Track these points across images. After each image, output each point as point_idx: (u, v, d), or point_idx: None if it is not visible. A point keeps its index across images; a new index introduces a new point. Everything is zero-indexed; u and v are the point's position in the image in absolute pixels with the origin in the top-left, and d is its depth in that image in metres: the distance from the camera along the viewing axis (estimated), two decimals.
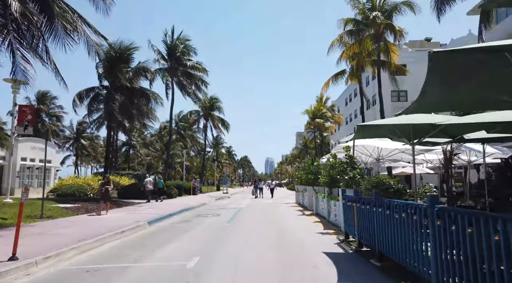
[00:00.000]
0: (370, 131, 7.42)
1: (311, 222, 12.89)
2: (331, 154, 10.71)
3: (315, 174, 15.82)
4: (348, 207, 8.01)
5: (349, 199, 7.92)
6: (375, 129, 7.17)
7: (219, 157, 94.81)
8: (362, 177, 10.11)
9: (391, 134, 7.23)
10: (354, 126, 38.82)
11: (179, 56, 31.01)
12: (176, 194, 29.03)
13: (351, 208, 7.76)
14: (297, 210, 18.68)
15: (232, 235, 9.77)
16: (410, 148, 11.84)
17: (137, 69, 21.32)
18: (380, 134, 7.52)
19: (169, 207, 18.95)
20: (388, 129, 6.85)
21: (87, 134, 66.56)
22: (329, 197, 12.65)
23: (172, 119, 31.64)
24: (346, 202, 8.19)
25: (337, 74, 26.55)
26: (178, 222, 13.45)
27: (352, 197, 7.61)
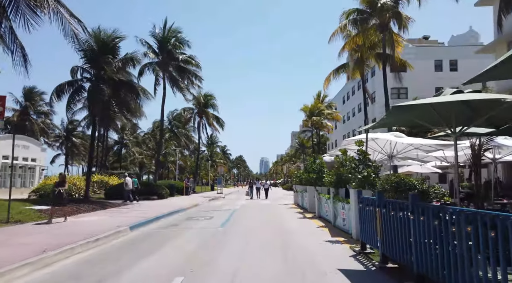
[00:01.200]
0: (403, 116, 5.95)
1: (315, 227, 11.45)
2: (340, 149, 9.29)
3: (318, 173, 14.39)
4: (367, 212, 6.57)
5: (369, 203, 6.48)
6: (410, 112, 5.70)
7: (213, 156, 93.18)
8: (377, 176, 8.68)
9: (428, 122, 5.84)
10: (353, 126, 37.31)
11: (171, 49, 29.37)
12: (167, 194, 27.47)
13: (371, 214, 6.32)
14: (296, 212, 17.24)
15: (226, 244, 8.28)
16: (427, 143, 10.51)
17: (125, 59, 19.68)
18: (414, 120, 6.07)
19: (157, 208, 17.43)
20: (425, 113, 5.45)
21: (78, 132, 64.62)
22: (336, 199, 11.22)
23: (163, 116, 30.05)
24: (364, 206, 6.75)
25: (338, 68, 25.14)
26: (166, 226, 11.95)
27: (374, 200, 6.17)
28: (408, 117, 5.94)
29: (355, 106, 53.41)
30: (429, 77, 40.24)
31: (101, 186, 29.65)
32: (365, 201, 6.71)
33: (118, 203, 20.32)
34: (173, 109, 67.34)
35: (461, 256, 3.61)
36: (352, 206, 8.88)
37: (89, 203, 18.07)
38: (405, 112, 5.71)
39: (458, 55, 40.99)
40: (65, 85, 18.51)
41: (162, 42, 29.27)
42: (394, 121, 6.62)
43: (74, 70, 19.54)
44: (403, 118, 6.01)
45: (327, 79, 25.49)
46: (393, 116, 5.82)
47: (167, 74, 29.83)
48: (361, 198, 6.99)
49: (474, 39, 47.14)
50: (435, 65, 41.63)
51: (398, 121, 6.61)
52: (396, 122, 7.17)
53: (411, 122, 6.34)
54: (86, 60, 19.27)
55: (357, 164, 8.88)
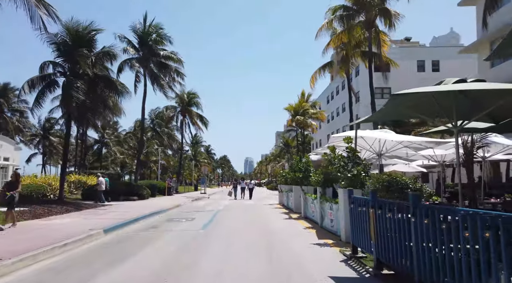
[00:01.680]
0: (400, 107, 5.44)
1: (301, 228, 10.95)
2: (328, 146, 8.81)
3: (304, 172, 13.92)
4: (359, 213, 6.08)
5: (362, 203, 5.99)
6: (409, 103, 5.20)
7: (197, 156, 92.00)
8: (368, 174, 8.24)
9: (427, 114, 5.39)
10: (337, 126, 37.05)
11: (151, 45, 28.43)
12: (148, 195, 26.55)
13: (364, 215, 5.84)
14: (282, 212, 16.73)
15: (207, 248, 7.67)
16: (418, 140, 10.18)
17: (102, 53, 18.69)
18: (412, 113, 5.59)
19: (136, 209, 16.61)
20: (425, 104, 4.99)
21: (55, 131, 62.41)
22: (323, 199, 10.75)
23: (144, 114, 29.03)
24: (356, 207, 6.26)
25: (324, 66, 24.83)
26: (143, 228, 11.22)
27: (367, 201, 5.68)
28: (405, 109, 5.47)
29: (339, 106, 53.47)
30: (412, 78, 40.44)
31: (79, 186, 28.47)
32: (358, 201, 6.22)
33: (95, 204, 19.36)
34: (155, 108, 66.19)
35: (476, 264, 3.12)
36: (341, 206, 8.41)
37: (63, 204, 17.10)
38: (404, 103, 5.24)
39: (440, 55, 41.47)
40: (36, 79, 17.41)
41: (142, 37, 28.29)
42: (391, 113, 6.14)
43: (43, 66, 18.42)
44: (401, 110, 5.55)
45: (313, 77, 25.14)
46: (392, 106, 5.33)
47: (148, 71, 28.87)
48: (353, 198, 6.50)
49: (455, 40, 47.87)
50: (417, 66, 41.99)
51: (395, 114, 6.14)
52: (392, 115, 6.72)
53: (408, 115, 5.90)
54: (59, 53, 18.21)
55: (346, 161, 8.40)
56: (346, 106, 50.22)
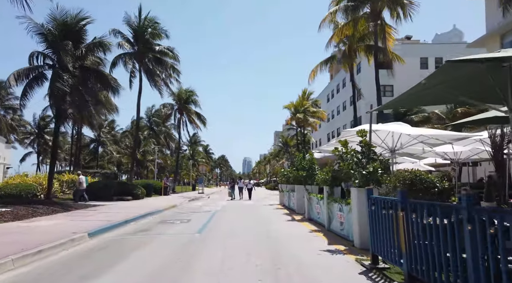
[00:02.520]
0: (444, 85, 4.43)
1: (306, 231, 9.96)
2: (339, 141, 7.83)
3: (308, 170, 12.93)
4: (383, 217, 5.10)
5: (386, 205, 5.00)
6: (454, 81, 4.19)
7: (195, 156, 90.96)
8: (386, 171, 7.27)
9: (473, 96, 4.39)
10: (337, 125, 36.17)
11: (148, 39, 27.39)
12: (143, 195, 25.52)
13: (389, 219, 4.86)
14: (283, 213, 15.74)
15: (202, 258, 6.67)
16: (440, 134, 9.19)
17: (92, 45, 17.65)
18: (461, 93, 4.55)
19: (129, 210, 15.61)
20: (474, 82, 4.01)
21: (51, 129, 61.19)
22: (331, 199, 9.77)
23: (139, 111, 27.90)
24: (378, 209, 5.28)
25: (326, 60, 23.84)
26: (133, 232, 10.21)
27: (395, 202, 4.70)
28: (447, 90, 4.46)
29: (340, 104, 52.55)
30: (415, 75, 39.55)
31: (72, 186, 27.44)
32: (380, 203, 5.23)
33: (85, 204, 18.35)
34: (152, 106, 64.98)
35: None
36: (353, 207, 7.44)
37: (51, 204, 16.06)
38: (445, 82, 4.25)
39: (444, 52, 40.57)
40: (24, 71, 16.35)
41: (137, 31, 27.24)
42: (422, 97, 5.14)
43: (32, 56, 17.37)
44: (438, 92, 4.53)
45: (313, 71, 24.15)
46: (429, 87, 4.32)
47: (143, 66, 27.84)
48: (373, 199, 5.51)
49: (458, 38, 47.01)
50: (420, 63, 41.09)
51: (429, 97, 5.12)
52: (424, 99, 5.69)
53: (450, 99, 4.91)
54: (47, 44, 17.19)
55: (360, 157, 7.42)
56: (347, 104, 49.34)
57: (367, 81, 40.91)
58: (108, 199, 21.98)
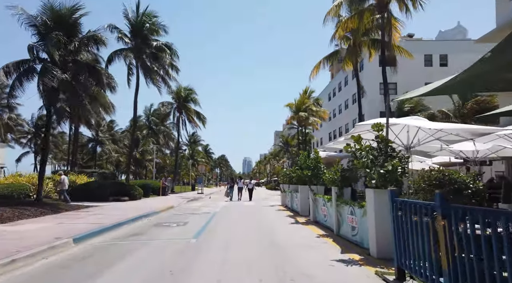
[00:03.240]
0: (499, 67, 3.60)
1: (314, 237, 9.09)
2: (352, 136, 6.97)
3: (313, 170, 12.07)
4: (414, 224, 4.24)
5: (418, 210, 4.14)
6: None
7: (195, 155, 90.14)
8: (405, 170, 6.40)
9: None
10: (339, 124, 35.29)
11: (146, 34, 26.51)
12: (140, 195, 24.68)
13: (424, 228, 4.00)
14: (286, 215, 14.88)
15: (197, 269, 5.81)
16: (463, 129, 8.33)
17: (86, 38, 16.77)
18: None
19: (123, 212, 14.77)
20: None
21: None
22: (340, 201, 8.91)
23: (136, 109, 27.03)
24: (407, 215, 4.42)
25: (329, 55, 22.93)
26: (124, 236, 9.35)
27: (431, 207, 3.83)
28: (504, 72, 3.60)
29: (342, 103, 51.72)
30: (419, 73, 38.78)
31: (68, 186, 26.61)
32: (410, 208, 4.36)
33: (78, 205, 17.50)
34: (150, 105, 64.09)
35: None
36: (369, 211, 6.57)
37: (40, 205, 15.21)
38: None
39: (448, 49, 39.75)
40: (13, 65, 15.49)
41: (135, 26, 26.37)
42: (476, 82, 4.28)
43: (32, 48, 16.55)
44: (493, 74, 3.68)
45: (316, 67, 23.22)
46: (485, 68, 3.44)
47: (141, 63, 26.97)
48: (400, 203, 4.64)
49: (461, 35, 46.14)
50: (424, 60, 40.22)
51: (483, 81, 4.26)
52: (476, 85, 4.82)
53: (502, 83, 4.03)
54: (40, 37, 16.36)
55: (376, 154, 6.56)
56: (349, 103, 48.49)
57: (369, 79, 40.08)
58: (103, 200, 21.18)
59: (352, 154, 6.93)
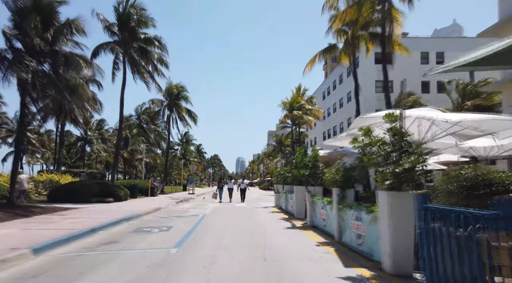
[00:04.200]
0: None
1: (313, 245, 7.97)
2: (361, 129, 5.88)
3: (311, 169, 10.96)
4: (460, 240, 3.13)
5: (470, 222, 3.03)
6: None
7: (187, 155, 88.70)
8: (424, 169, 5.31)
9: None
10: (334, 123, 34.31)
11: (133, 27, 25.22)
12: (126, 196, 23.34)
13: (475, 246, 2.90)
14: (281, 218, 13.76)
15: None
16: (484, 120, 7.27)
17: (62, 27, 15.46)
18: None
19: (103, 215, 13.54)
20: None
21: (34, 127, 58.37)
22: (343, 205, 7.80)
23: (123, 105, 25.74)
24: (445, 227, 3.32)
25: (325, 49, 21.84)
26: (96, 245, 8.13)
27: (488, 217, 2.73)
28: None
29: (337, 102, 50.82)
30: (415, 71, 37.98)
31: (50, 187, 25.23)
32: (452, 218, 3.26)
33: (56, 207, 16.19)
34: (142, 103, 62.52)
35: None
36: (383, 217, 5.47)
37: (12, 208, 13.92)
38: None
39: (445, 47, 39.03)
40: None
41: (122, 18, 25.08)
42: None
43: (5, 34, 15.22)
44: None
45: (311, 61, 22.10)
46: None
47: (128, 57, 25.66)
48: (435, 211, 3.54)
49: (457, 33, 45.59)
50: (421, 58, 39.44)
51: None
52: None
53: None
54: (14, 24, 15.05)
55: (389, 150, 5.47)
56: (344, 101, 47.59)
57: (364, 77, 39.14)
58: (86, 201, 19.89)
59: (359, 149, 5.83)
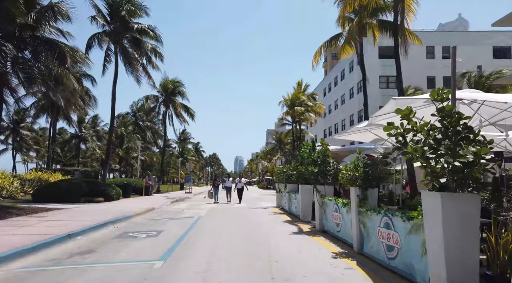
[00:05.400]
0: None
1: (328, 256, 6.58)
2: (397, 110, 4.47)
3: (321, 165, 9.57)
4: None
5: None
6: None
7: (185, 153, 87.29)
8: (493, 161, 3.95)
9: None
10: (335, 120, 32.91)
11: (124, 16, 23.72)
12: (118, 195, 21.94)
13: None
14: (284, 221, 12.37)
15: None
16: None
17: (43, 10, 14.01)
18: None
19: (89, 217, 12.16)
20: None
21: (27, 123, 56.80)
22: (365, 208, 6.42)
23: (114, 100, 24.23)
24: None
25: (332, 38, 20.41)
26: (67, 255, 6.73)
27: None
28: None
29: (338, 98, 49.48)
30: (421, 65, 36.69)
31: (38, 185, 23.84)
32: None
33: (38, 208, 14.82)
34: (138, 100, 60.92)
35: None
36: (431, 227, 4.08)
37: None
38: None
39: (451, 41, 37.65)
40: None
41: (113, 6, 23.61)
42: None
43: None
44: None
45: (317, 53, 20.67)
46: None
47: (120, 48, 24.22)
48: None
49: (463, 27, 44.26)
50: (426, 52, 38.07)
51: None
52: None
53: None
54: None
55: (439, 138, 4.08)
56: (346, 97, 46.19)
57: (368, 71, 37.78)
58: (74, 201, 18.53)
59: (398, 135, 4.44)
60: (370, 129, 8.44)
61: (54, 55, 14.11)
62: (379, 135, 9.05)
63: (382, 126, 7.72)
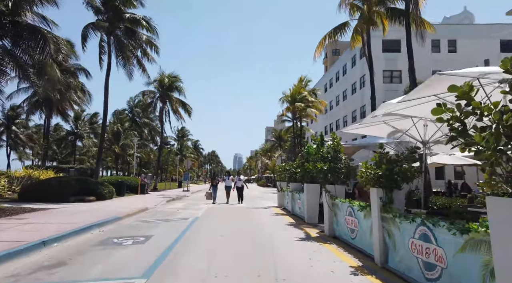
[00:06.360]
0: None
1: (347, 271, 5.42)
2: (450, 86, 3.38)
3: (331, 162, 8.41)
4: None
5: None
6: None
7: (183, 150, 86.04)
8: None
9: None
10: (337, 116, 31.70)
11: (117, 5, 22.52)
12: (111, 194, 20.81)
13: None
14: (288, 223, 11.22)
15: None
16: None
17: None
18: None
19: (73, 219, 11.05)
20: None
21: (21, 120, 55.53)
22: (391, 214, 5.28)
23: (107, 94, 23.03)
24: None
25: (336, 28, 19.18)
26: (31, 270, 5.58)
27: None
28: None
29: (340, 94, 48.29)
30: (426, 59, 35.41)
31: (28, 183, 22.66)
32: None
33: (21, 208, 13.71)
34: (135, 96, 59.69)
35: None
36: (504, 248, 2.96)
37: None
38: None
39: (457, 34, 36.46)
40: None
41: None
42: None
43: None
44: None
45: (320, 43, 19.43)
46: None
47: (114, 39, 23.01)
48: None
49: (468, 20, 43.01)
50: (432, 46, 36.85)
51: None
52: None
53: None
54: None
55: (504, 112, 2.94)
56: (348, 93, 44.97)
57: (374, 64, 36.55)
58: (63, 200, 17.46)
59: (452, 124, 3.28)
60: (388, 121, 7.29)
61: (36, 41, 12.92)
62: (396, 127, 7.93)
63: (401, 116, 6.54)
